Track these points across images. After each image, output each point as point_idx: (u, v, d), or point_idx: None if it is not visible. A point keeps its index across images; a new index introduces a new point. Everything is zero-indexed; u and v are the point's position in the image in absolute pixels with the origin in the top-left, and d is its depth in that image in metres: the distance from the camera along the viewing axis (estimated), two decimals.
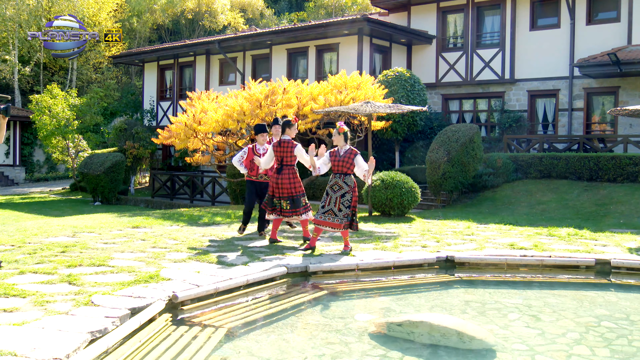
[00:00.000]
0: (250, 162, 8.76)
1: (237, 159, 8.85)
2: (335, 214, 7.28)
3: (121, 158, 21.21)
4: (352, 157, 7.33)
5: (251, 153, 8.74)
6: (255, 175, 8.82)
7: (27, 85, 34.93)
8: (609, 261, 7.04)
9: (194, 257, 6.84)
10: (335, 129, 7.49)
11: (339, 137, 7.43)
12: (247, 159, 8.78)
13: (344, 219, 7.27)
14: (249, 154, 8.76)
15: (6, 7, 32.13)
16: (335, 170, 7.41)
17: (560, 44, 18.69)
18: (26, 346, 3.63)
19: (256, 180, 8.85)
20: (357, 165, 7.34)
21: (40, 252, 6.89)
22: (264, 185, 8.80)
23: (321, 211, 7.38)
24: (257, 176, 8.82)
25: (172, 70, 26.54)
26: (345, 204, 7.28)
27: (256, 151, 8.76)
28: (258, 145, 8.82)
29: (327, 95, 14.05)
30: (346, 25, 19.14)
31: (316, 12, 40.11)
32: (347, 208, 7.28)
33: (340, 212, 7.28)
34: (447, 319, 4.57)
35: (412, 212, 12.80)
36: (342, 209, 7.28)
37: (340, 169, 7.35)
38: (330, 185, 7.39)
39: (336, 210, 7.28)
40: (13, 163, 31.76)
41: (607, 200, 13.39)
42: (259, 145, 8.81)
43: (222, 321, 4.81)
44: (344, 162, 7.33)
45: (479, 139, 15.07)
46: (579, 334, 4.66)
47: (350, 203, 7.30)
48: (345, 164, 7.33)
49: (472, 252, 7.44)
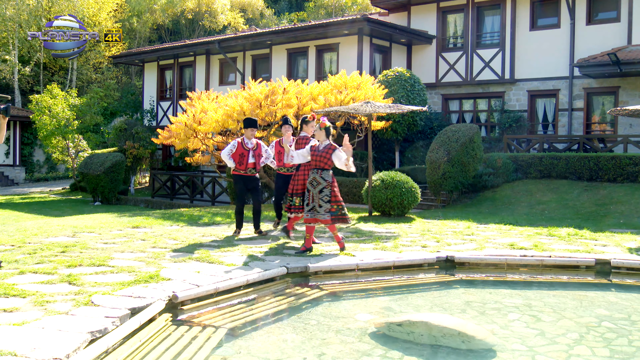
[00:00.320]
0: (239, 156, 8.72)
1: (226, 152, 8.78)
2: (317, 210, 7.35)
3: (121, 158, 21.20)
4: (330, 152, 7.38)
5: (240, 147, 8.73)
6: (244, 170, 8.77)
7: (27, 85, 34.93)
8: (609, 261, 7.04)
9: (194, 257, 6.84)
10: (317, 124, 7.57)
11: (320, 132, 7.47)
12: (236, 152, 8.73)
13: (326, 214, 7.32)
14: (237, 147, 8.73)
15: (6, 7, 32.13)
16: (313, 165, 7.48)
17: (560, 44, 18.69)
18: (26, 346, 3.63)
19: (244, 174, 8.81)
20: (337, 157, 7.34)
21: (40, 252, 6.89)
22: (253, 179, 8.83)
23: (307, 209, 7.43)
24: (246, 170, 8.78)
25: (172, 70, 26.54)
26: (324, 199, 7.34)
27: (245, 145, 8.75)
28: (246, 139, 8.80)
29: (327, 95, 14.05)
30: (346, 25, 19.14)
31: (316, 12, 40.11)
32: (327, 203, 7.33)
33: (320, 207, 7.33)
34: (447, 319, 4.57)
35: (412, 212, 12.80)
36: (322, 204, 7.33)
37: (318, 164, 7.41)
38: (309, 181, 7.47)
39: (317, 207, 7.35)
40: (13, 163, 31.76)
41: (607, 200, 13.39)
42: (247, 140, 8.80)
43: (222, 321, 4.81)
44: (321, 157, 7.39)
45: (479, 139, 15.07)
46: (579, 334, 4.66)
47: (329, 197, 7.35)
48: (323, 159, 7.38)
49: (472, 252, 7.44)
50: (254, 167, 8.78)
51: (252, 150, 8.76)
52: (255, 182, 8.91)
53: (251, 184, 8.86)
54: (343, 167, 7.33)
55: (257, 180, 8.93)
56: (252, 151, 8.75)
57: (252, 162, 8.76)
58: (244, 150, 8.70)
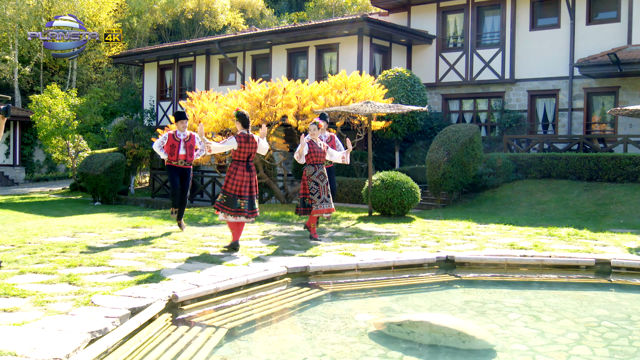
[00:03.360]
0: (170, 147, 9.04)
1: (158, 144, 9.12)
2: (327, 200, 8.39)
3: (121, 158, 21.20)
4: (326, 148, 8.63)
5: (171, 139, 9.04)
6: (176, 160, 9.09)
7: (27, 85, 34.92)
8: (609, 261, 7.04)
9: (194, 257, 6.84)
10: (314, 124, 8.48)
11: (318, 131, 8.52)
12: (167, 144, 9.05)
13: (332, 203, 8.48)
14: (169, 139, 9.05)
15: (6, 7, 32.11)
16: (317, 161, 8.42)
17: (560, 44, 18.69)
18: (26, 346, 3.63)
19: (176, 165, 9.11)
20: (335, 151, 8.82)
21: (40, 252, 6.89)
22: (185, 171, 9.17)
23: (318, 201, 8.28)
24: (177, 161, 9.09)
25: (172, 70, 26.54)
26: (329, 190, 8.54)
27: (177, 137, 9.06)
28: (179, 131, 9.11)
29: (327, 95, 14.05)
30: (346, 25, 19.14)
31: (316, 12, 40.10)
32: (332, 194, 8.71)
33: (329, 197, 8.44)
34: (447, 319, 4.57)
35: (412, 212, 12.80)
36: (329, 194, 8.48)
37: (322, 160, 8.48)
38: (316, 176, 8.36)
39: (326, 197, 8.39)
40: (13, 163, 31.75)
41: (607, 200, 13.39)
42: (179, 132, 9.11)
43: (222, 321, 4.81)
44: (324, 153, 8.53)
45: (479, 139, 15.07)
46: (579, 334, 4.66)
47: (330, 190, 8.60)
48: (324, 154, 8.53)
49: (472, 252, 7.44)
50: (185, 158, 9.09)
51: (184, 141, 9.07)
52: (187, 174, 9.23)
53: (183, 175, 9.18)
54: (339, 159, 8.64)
55: (189, 172, 9.25)
56: (183, 142, 9.06)
57: (182, 154, 9.06)
58: (175, 142, 9.03)
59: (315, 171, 8.39)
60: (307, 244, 7.98)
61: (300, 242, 8.14)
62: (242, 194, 7.23)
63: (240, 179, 7.26)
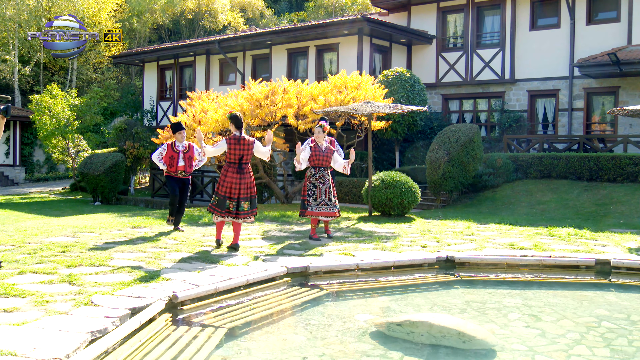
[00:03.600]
0: (170, 159, 9.07)
1: (157, 155, 9.17)
2: (327, 204, 8.33)
3: (121, 158, 21.19)
4: (332, 153, 8.55)
5: (170, 150, 9.07)
6: (175, 172, 9.13)
7: (27, 85, 34.92)
8: (609, 261, 7.04)
9: (194, 257, 6.84)
10: (319, 127, 8.47)
11: (323, 134, 8.49)
12: (167, 155, 9.09)
13: (335, 207, 8.42)
14: (168, 150, 9.08)
15: (6, 7, 32.11)
16: (319, 164, 8.41)
17: (560, 44, 18.69)
18: (26, 346, 3.63)
19: (175, 176, 9.17)
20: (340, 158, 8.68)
21: (40, 252, 6.89)
22: (184, 181, 9.24)
23: (314, 203, 8.24)
24: (177, 172, 9.14)
25: (172, 70, 26.53)
26: (333, 194, 8.46)
27: (175, 148, 9.09)
28: (177, 142, 9.14)
29: (327, 95, 14.05)
30: (346, 25, 19.14)
31: (316, 12, 40.09)
32: (335, 197, 8.51)
33: (330, 201, 8.37)
34: (447, 319, 4.57)
35: (412, 212, 12.80)
36: (331, 198, 8.40)
37: (324, 163, 8.43)
38: (316, 178, 8.37)
39: (327, 200, 8.34)
40: (13, 163, 31.75)
41: (607, 200, 13.39)
42: (178, 143, 9.13)
43: (222, 321, 4.81)
44: (327, 157, 8.48)
45: (479, 139, 15.07)
46: (579, 334, 4.66)
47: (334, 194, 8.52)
48: (328, 158, 8.50)
49: (472, 252, 7.44)
50: (184, 169, 9.13)
51: (183, 152, 9.09)
52: (186, 184, 9.31)
53: (182, 184, 9.25)
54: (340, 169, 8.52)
55: (188, 182, 9.33)
56: (182, 153, 9.08)
57: (182, 165, 9.09)
58: (174, 153, 9.06)
59: (315, 173, 8.41)
60: (307, 244, 7.99)
61: (300, 242, 8.15)
62: (232, 196, 7.26)
63: (230, 180, 7.28)
